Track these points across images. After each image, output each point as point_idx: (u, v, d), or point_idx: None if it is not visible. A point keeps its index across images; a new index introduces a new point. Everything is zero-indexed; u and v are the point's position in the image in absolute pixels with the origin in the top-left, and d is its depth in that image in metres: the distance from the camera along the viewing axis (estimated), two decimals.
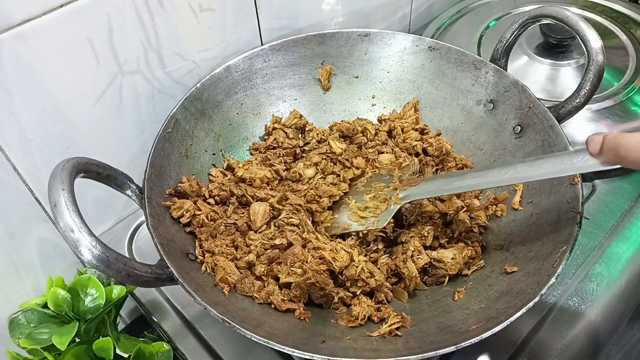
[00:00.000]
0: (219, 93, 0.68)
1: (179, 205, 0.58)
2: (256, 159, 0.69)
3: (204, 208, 0.60)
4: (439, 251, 0.59)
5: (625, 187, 0.72)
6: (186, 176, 0.62)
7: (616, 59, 0.83)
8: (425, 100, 0.74)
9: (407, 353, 0.46)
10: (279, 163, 0.68)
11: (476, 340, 0.45)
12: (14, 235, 0.60)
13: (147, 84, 0.64)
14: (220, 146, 0.69)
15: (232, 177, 0.66)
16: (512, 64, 0.74)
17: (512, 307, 0.48)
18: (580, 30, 0.59)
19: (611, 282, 0.63)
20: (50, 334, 0.53)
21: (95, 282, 0.57)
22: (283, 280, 0.55)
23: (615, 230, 0.68)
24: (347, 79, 0.76)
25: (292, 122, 0.72)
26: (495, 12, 0.95)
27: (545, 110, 0.62)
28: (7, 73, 0.51)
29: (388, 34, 0.74)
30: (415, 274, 0.57)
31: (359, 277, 0.56)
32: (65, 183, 0.42)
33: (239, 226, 0.60)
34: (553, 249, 0.52)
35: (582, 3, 0.95)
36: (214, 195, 0.62)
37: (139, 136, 0.67)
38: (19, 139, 0.55)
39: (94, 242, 0.41)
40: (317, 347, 0.49)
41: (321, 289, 0.55)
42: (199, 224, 0.58)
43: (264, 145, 0.71)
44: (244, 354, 0.58)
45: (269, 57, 0.72)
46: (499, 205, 0.63)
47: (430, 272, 0.59)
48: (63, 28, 0.53)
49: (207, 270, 0.55)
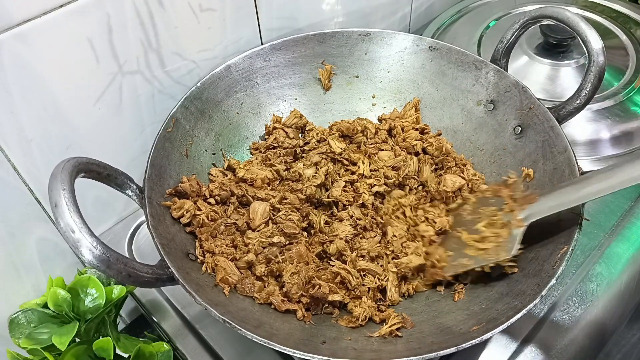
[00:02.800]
0: (219, 92, 0.68)
1: (179, 205, 0.58)
2: (256, 159, 0.69)
3: (204, 208, 0.60)
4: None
5: None
6: (186, 176, 0.61)
7: (616, 59, 0.83)
8: (426, 100, 0.74)
9: (408, 354, 0.46)
10: (279, 163, 0.68)
11: (477, 342, 0.45)
12: (14, 235, 0.60)
13: (147, 83, 0.64)
14: (221, 146, 0.69)
15: (233, 177, 0.66)
16: (512, 64, 0.74)
17: (513, 309, 0.48)
18: (581, 31, 0.59)
19: (611, 282, 0.63)
20: (50, 334, 0.53)
21: (95, 282, 0.57)
22: (287, 279, 0.55)
23: (615, 230, 0.68)
24: (347, 79, 0.76)
25: (292, 121, 0.72)
26: (495, 12, 0.95)
27: (546, 110, 0.62)
28: (7, 73, 0.51)
29: (388, 33, 0.74)
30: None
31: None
32: (66, 183, 0.42)
33: (239, 226, 0.60)
34: (553, 250, 0.52)
35: (582, 3, 0.95)
36: (214, 195, 0.62)
37: (139, 136, 0.67)
38: (19, 139, 0.55)
39: (95, 243, 0.41)
40: (318, 347, 0.49)
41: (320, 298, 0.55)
42: (199, 224, 0.58)
43: (264, 145, 0.71)
44: (244, 354, 0.58)
45: (269, 57, 0.72)
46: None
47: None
48: (63, 28, 0.53)
49: (207, 270, 0.55)
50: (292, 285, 0.55)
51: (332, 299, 0.55)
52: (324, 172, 0.65)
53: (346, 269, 0.57)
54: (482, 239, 0.56)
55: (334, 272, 0.57)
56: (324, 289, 0.54)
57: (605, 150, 0.73)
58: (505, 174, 0.64)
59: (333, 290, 0.55)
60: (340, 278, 0.56)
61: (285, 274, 0.56)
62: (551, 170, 0.59)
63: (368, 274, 0.58)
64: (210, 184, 0.64)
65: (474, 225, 0.57)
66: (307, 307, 0.56)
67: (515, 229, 0.54)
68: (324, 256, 0.60)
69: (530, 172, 0.62)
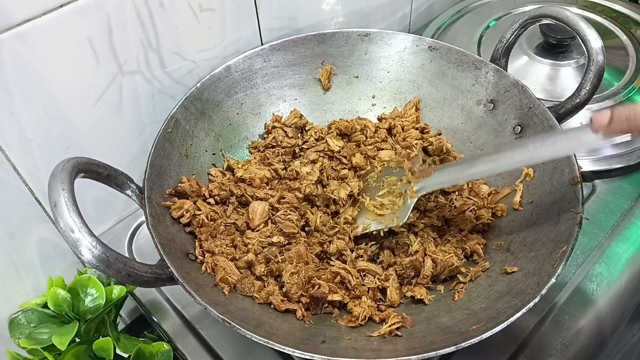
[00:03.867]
0: (219, 93, 0.68)
1: (179, 205, 0.58)
2: (254, 158, 0.69)
3: (204, 208, 0.60)
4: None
5: (625, 187, 0.72)
6: (186, 176, 0.62)
7: (616, 59, 0.83)
8: (426, 100, 0.74)
9: (408, 353, 0.46)
10: (278, 162, 0.68)
11: (476, 341, 0.45)
12: (14, 235, 0.60)
13: (147, 84, 0.64)
14: (220, 146, 0.69)
15: (232, 177, 0.66)
16: (512, 64, 0.74)
17: (512, 308, 0.48)
18: (580, 30, 0.59)
19: (611, 282, 0.63)
20: (50, 334, 0.53)
21: (95, 282, 0.57)
22: (286, 279, 0.55)
23: (615, 230, 0.68)
24: (347, 79, 0.76)
25: (292, 121, 0.72)
26: (495, 12, 0.95)
27: (545, 110, 0.62)
28: (7, 73, 0.51)
29: (388, 33, 0.74)
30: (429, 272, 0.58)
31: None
32: (65, 183, 0.42)
33: (239, 226, 0.60)
34: (553, 249, 0.52)
35: (582, 3, 0.95)
36: (214, 195, 0.62)
37: (139, 136, 0.67)
38: (19, 139, 0.55)
39: (94, 242, 0.41)
40: (318, 347, 0.49)
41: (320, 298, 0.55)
42: (199, 224, 0.58)
43: (262, 144, 0.71)
44: (244, 354, 0.58)
45: (269, 57, 0.72)
46: (499, 205, 0.63)
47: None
48: (63, 28, 0.53)
49: (207, 270, 0.55)
50: (292, 285, 0.55)
51: (331, 299, 0.55)
52: (319, 167, 0.65)
53: (346, 268, 0.57)
54: (381, 206, 0.61)
55: (333, 272, 0.57)
56: (324, 289, 0.54)
57: (605, 150, 0.73)
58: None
59: (333, 290, 0.55)
60: (340, 278, 0.56)
61: (284, 273, 0.56)
62: (551, 170, 0.59)
63: (368, 274, 0.58)
64: (210, 184, 0.64)
65: (377, 192, 0.63)
66: (307, 307, 0.56)
67: (409, 199, 0.59)
68: (324, 256, 0.60)
69: (530, 171, 0.62)
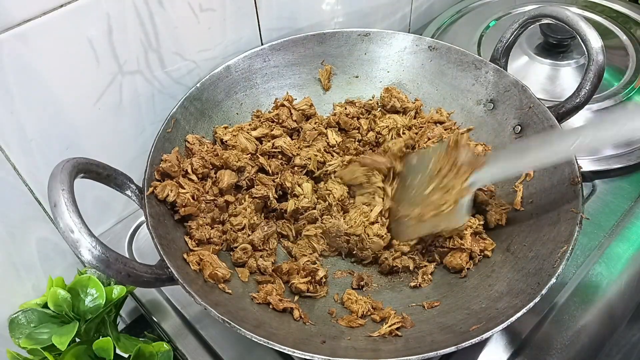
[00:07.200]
0: (218, 93, 0.68)
1: (162, 187, 0.56)
2: (250, 125, 0.69)
3: (188, 186, 0.59)
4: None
5: (625, 187, 0.72)
6: (166, 154, 0.60)
7: (616, 59, 0.83)
8: (426, 100, 0.74)
9: (408, 353, 0.46)
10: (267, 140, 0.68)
11: (477, 341, 0.45)
12: (14, 235, 0.60)
13: (147, 84, 0.64)
14: None
15: (211, 147, 0.65)
16: (512, 63, 0.74)
17: (513, 307, 0.48)
18: (580, 30, 0.59)
19: (611, 282, 0.63)
20: (50, 334, 0.53)
21: (95, 282, 0.57)
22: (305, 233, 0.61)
23: (615, 230, 0.68)
24: (347, 79, 0.76)
25: (302, 106, 0.72)
26: (495, 12, 0.95)
27: (545, 110, 0.62)
28: (7, 73, 0.51)
29: (388, 33, 0.74)
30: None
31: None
32: (65, 183, 0.42)
33: (218, 203, 0.61)
34: (553, 249, 0.52)
35: (582, 3, 0.95)
36: (196, 172, 0.61)
37: (139, 136, 0.67)
38: (19, 139, 0.55)
39: (94, 243, 0.41)
40: (317, 347, 0.49)
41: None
42: (183, 204, 0.57)
43: (265, 116, 0.71)
44: (244, 354, 0.58)
45: (269, 57, 0.72)
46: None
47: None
48: (63, 28, 0.53)
49: (193, 267, 0.53)
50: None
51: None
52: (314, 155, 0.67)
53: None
54: (431, 204, 0.56)
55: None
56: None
57: (604, 150, 0.73)
58: None
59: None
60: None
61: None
62: (551, 170, 0.59)
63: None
64: (192, 158, 0.62)
65: (423, 188, 0.57)
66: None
67: (462, 198, 0.54)
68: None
69: (530, 171, 0.62)
